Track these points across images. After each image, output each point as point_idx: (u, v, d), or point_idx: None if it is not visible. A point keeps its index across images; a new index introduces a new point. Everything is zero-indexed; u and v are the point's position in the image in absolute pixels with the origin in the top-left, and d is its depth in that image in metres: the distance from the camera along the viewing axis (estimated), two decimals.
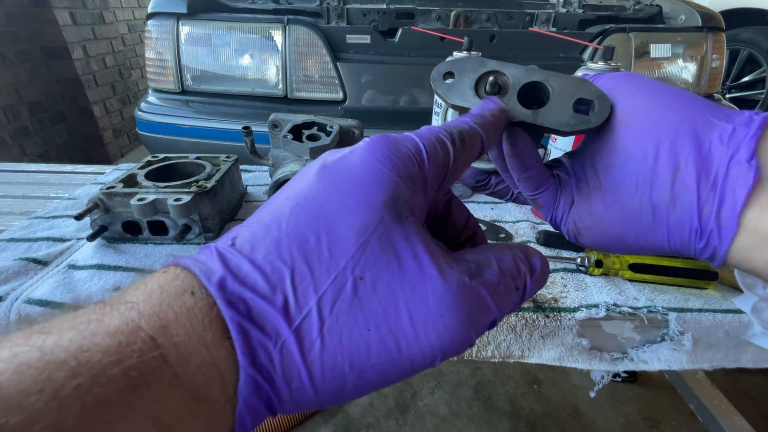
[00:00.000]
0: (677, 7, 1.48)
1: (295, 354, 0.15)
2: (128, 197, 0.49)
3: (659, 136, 0.22)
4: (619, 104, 0.24)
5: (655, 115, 0.22)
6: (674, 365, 0.43)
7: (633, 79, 0.24)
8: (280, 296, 0.15)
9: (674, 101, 0.22)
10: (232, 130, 1.22)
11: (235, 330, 0.14)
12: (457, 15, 1.36)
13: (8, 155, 1.98)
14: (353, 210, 0.16)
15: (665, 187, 0.21)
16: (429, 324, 0.16)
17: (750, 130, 0.19)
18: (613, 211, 0.24)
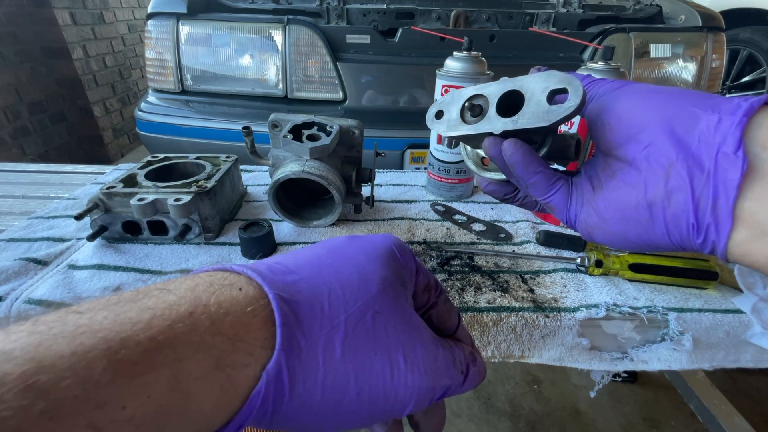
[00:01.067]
0: (677, 7, 1.48)
1: (319, 355, 0.17)
2: (128, 197, 0.49)
3: (647, 135, 0.22)
4: (611, 108, 0.24)
5: (642, 117, 0.22)
6: (674, 365, 0.43)
7: (622, 85, 0.24)
8: (317, 306, 0.18)
9: (660, 100, 0.22)
10: (232, 130, 1.22)
11: (280, 318, 0.17)
12: (457, 15, 1.36)
13: (8, 155, 1.98)
14: (377, 264, 0.21)
15: (658, 185, 0.22)
16: (414, 365, 0.19)
17: (735, 118, 0.19)
18: (613, 210, 0.24)
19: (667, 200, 0.21)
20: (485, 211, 0.64)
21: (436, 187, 0.69)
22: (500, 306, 0.44)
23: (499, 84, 0.27)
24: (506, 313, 0.43)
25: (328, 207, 0.58)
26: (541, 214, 0.62)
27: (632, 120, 0.23)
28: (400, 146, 1.21)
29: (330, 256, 0.21)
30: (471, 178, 0.68)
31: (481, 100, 0.28)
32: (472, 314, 0.43)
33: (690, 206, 0.20)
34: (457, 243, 0.55)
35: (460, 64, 0.59)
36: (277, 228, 0.57)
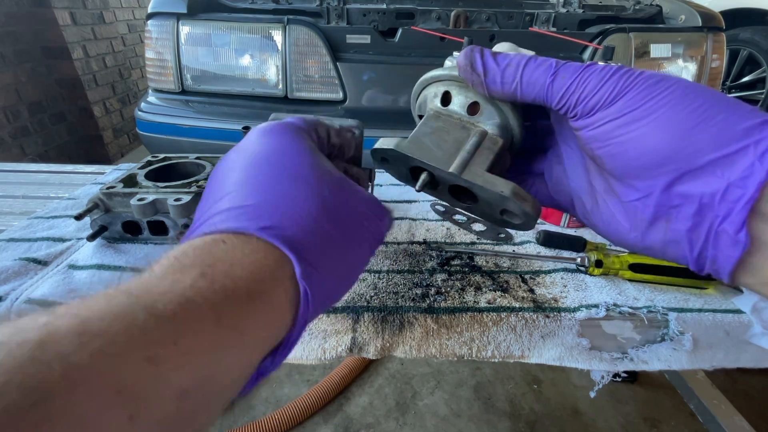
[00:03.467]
0: (677, 7, 1.48)
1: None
2: (128, 197, 0.49)
3: (650, 184, 0.21)
4: (631, 116, 0.21)
5: (662, 144, 0.20)
6: (674, 365, 0.43)
7: (653, 89, 0.21)
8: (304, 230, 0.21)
9: (683, 127, 0.19)
10: (232, 130, 1.22)
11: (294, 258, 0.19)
12: (457, 15, 1.36)
13: (8, 155, 1.98)
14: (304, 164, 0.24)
15: (658, 233, 0.21)
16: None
17: (746, 192, 0.18)
18: (615, 230, 0.24)
19: (664, 248, 0.22)
20: None
21: None
22: (500, 306, 0.44)
23: (448, 173, 0.26)
24: (506, 313, 0.43)
25: None
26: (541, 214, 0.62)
27: (652, 147, 0.20)
28: None
29: (283, 178, 0.22)
30: None
31: (431, 175, 0.27)
32: (472, 314, 0.43)
33: (689, 261, 0.21)
34: (457, 243, 0.55)
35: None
36: None
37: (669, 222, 0.21)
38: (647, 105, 0.20)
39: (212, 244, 0.18)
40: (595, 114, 0.22)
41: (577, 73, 0.22)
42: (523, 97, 0.24)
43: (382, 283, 0.47)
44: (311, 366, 1.25)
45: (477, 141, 0.26)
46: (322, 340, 0.42)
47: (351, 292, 0.45)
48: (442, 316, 0.43)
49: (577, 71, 0.22)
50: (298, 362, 0.43)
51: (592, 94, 0.21)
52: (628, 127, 0.20)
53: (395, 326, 0.43)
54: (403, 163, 0.27)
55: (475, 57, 0.25)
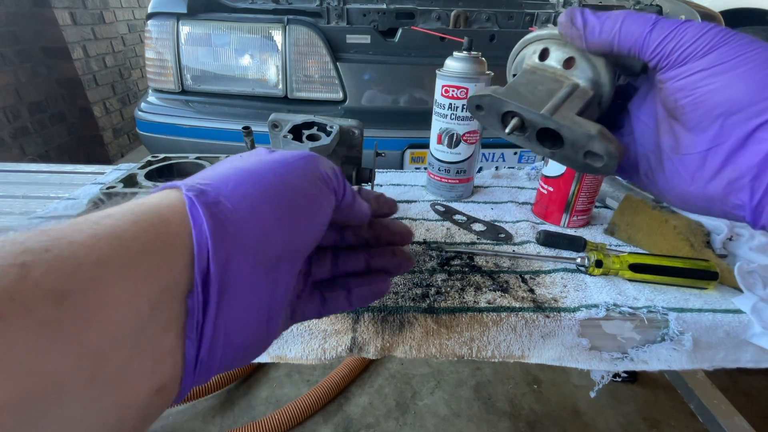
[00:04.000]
0: (677, 7, 1.48)
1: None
2: (128, 197, 0.49)
3: (735, 119, 0.22)
4: (721, 67, 0.22)
5: (743, 95, 0.22)
6: (674, 365, 0.43)
7: (744, 47, 0.22)
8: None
9: (765, 82, 0.21)
10: (232, 130, 1.22)
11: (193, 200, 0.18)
12: (457, 15, 1.36)
13: (8, 155, 1.98)
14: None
15: (721, 181, 0.23)
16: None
17: None
18: (677, 184, 0.26)
19: (725, 196, 0.23)
20: (485, 211, 0.64)
21: (436, 187, 0.69)
22: (500, 306, 0.44)
23: (541, 116, 0.27)
24: (506, 313, 0.43)
25: None
26: (541, 214, 0.62)
27: (724, 101, 0.22)
28: (400, 146, 1.21)
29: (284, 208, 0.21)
30: (471, 178, 0.68)
31: (521, 118, 0.29)
32: (472, 314, 0.43)
33: (747, 208, 0.22)
34: (457, 243, 0.55)
35: (460, 64, 0.59)
36: None
37: (735, 170, 0.22)
38: (736, 60, 0.22)
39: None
40: (686, 64, 0.23)
41: (676, 25, 0.24)
42: (620, 47, 0.25)
43: None
44: (311, 366, 1.25)
45: (569, 91, 0.28)
46: (322, 340, 0.42)
47: None
48: (442, 316, 0.43)
49: (675, 24, 0.24)
50: (298, 362, 0.43)
51: (688, 44, 0.23)
52: (716, 78, 0.22)
53: (395, 326, 0.43)
54: (497, 109, 0.29)
55: (576, 14, 0.27)
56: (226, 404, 1.13)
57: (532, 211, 0.64)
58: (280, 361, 0.43)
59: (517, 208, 0.65)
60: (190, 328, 0.17)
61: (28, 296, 0.12)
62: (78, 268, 0.14)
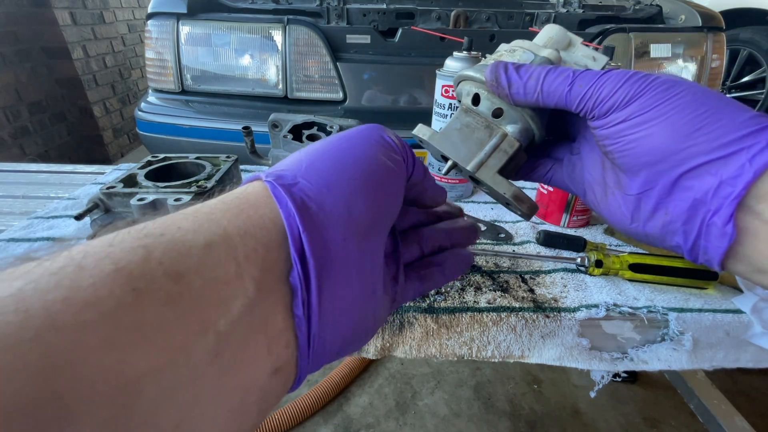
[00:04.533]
0: (677, 7, 1.48)
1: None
2: (128, 197, 0.49)
3: (660, 168, 0.23)
4: (641, 118, 0.23)
5: (665, 144, 0.22)
6: (674, 365, 0.43)
7: (663, 94, 0.22)
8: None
9: (686, 131, 0.21)
10: (232, 130, 1.22)
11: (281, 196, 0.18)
12: (457, 15, 1.36)
13: (8, 155, 1.98)
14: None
15: (657, 223, 0.24)
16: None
17: (734, 189, 0.20)
18: (619, 220, 0.27)
19: (662, 238, 0.24)
20: (485, 211, 0.64)
21: None
22: (500, 306, 0.44)
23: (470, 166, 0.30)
24: (506, 313, 0.43)
25: None
26: (541, 214, 0.62)
27: (648, 151, 0.23)
28: None
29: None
30: None
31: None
32: (472, 314, 0.43)
33: (684, 251, 0.23)
34: None
35: (460, 64, 0.59)
36: None
37: (667, 214, 0.23)
38: (656, 109, 0.22)
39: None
40: (609, 115, 0.24)
41: (594, 79, 0.25)
42: (545, 103, 0.27)
43: None
44: None
45: (496, 143, 0.30)
46: None
47: None
48: (442, 316, 0.43)
49: (594, 77, 0.25)
50: None
51: (607, 98, 0.24)
52: (638, 127, 0.23)
53: (395, 326, 0.43)
54: (435, 150, 0.32)
55: (500, 72, 0.28)
56: None
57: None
58: None
59: None
60: (296, 306, 0.17)
61: (154, 274, 0.13)
62: (189, 251, 0.15)
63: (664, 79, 0.23)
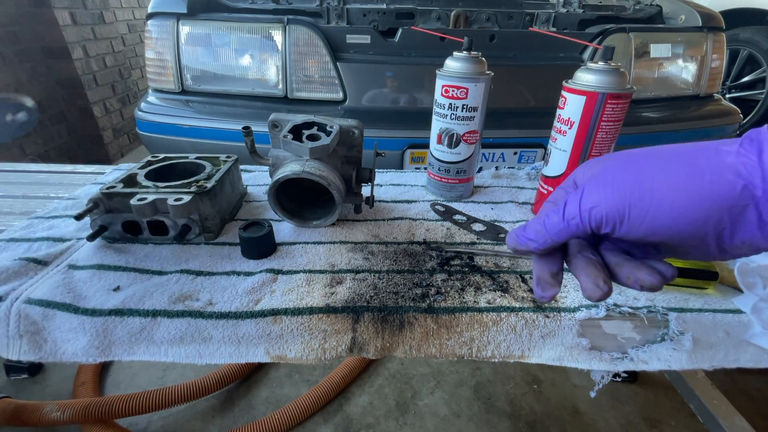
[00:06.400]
0: (677, 7, 1.48)
1: None
2: (128, 197, 0.49)
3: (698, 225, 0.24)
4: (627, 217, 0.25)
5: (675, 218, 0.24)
6: (674, 365, 0.43)
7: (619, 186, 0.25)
8: None
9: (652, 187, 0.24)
10: (232, 130, 1.21)
11: None
12: (457, 15, 1.36)
13: (8, 155, 1.98)
14: None
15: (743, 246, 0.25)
16: None
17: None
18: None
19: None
20: (485, 211, 0.64)
21: (436, 187, 0.69)
22: (500, 306, 0.44)
23: None
24: (506, 313, 0.43)
25: (328, 207, 0.58)
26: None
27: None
28: (400, 146, 1.21)
29: None
30: (471, 178, 0.68)
31: None
32: (472, 314, 0.43)
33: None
34: (457, 243, 0.55)
35: (460, 64, 0.59)
36: (277, 228, 0.57)
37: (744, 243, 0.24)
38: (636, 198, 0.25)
39: None
40: (605, 231, 0.27)
41: (559, 216, 0.28)
42: (566, 238, 0.30)
43: (382, 283, 0.47)
44: (311, 366, 1.25)
45: None
46: (322, 340, 0.42)
47: (351, 292, 0.45)
48: (442, 316, 0.43)
49: (556, 215, 0.28)
50: (298, 362, 0.43)
51: (594, 221, 0.27)
52: (639, 224, 0.25)
53: (395, 326, 0.43)
54: None
55: (514, 245, 0.31)
56: (226, 404, 1.13)
57: (532, 211, 0.64)
58: (280, 361, 0.43)
59: (517, 208, 0.65)
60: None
61: None
62: None
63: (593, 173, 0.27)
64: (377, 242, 0.55)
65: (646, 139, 1.30)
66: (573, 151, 0.54)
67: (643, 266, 0.27)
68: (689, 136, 1.34)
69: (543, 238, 0.29)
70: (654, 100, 1.39)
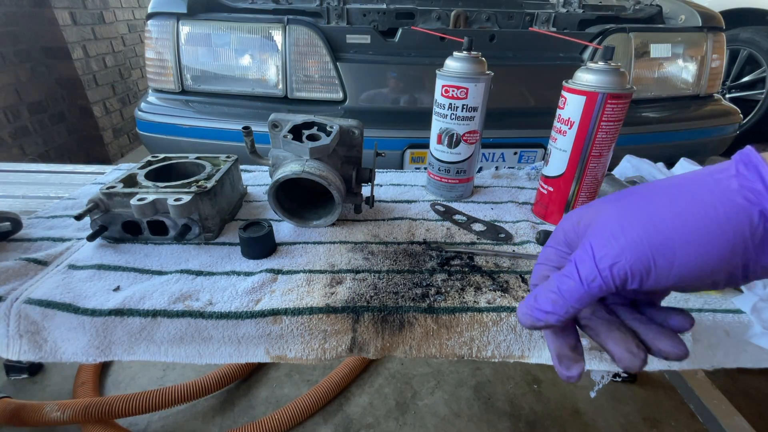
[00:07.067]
0: (677, 7, 1.48)
1: None
2: (128, 197, 0.49)
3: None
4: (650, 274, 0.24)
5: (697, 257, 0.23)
6: (674, 365, 0.43)
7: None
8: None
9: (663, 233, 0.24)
10: (232, 130, 1.21)
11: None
12: (457, 15, 1.36)
13: (8, 155, 1.98)
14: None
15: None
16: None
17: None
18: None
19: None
20: (485, 211, 0.64)
21: (436, 187, 0.69)
22: (500, 306, 0.44)
23: None
24: (506, 313, 0.43)
25: (328, 207, 0.58)
26: (541, 214, 0.62)
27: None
28: (400, 146, 1.21)
29: None
30: (471, 178, 0.68)
31: None
32: (472, 314, 0.43)
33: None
34: (457, 243, 0.55)
35: (460, 64, 0.59)
36: (277, 228, 0.57)
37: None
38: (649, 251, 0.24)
39: None
40: (632, 288, 0.25)
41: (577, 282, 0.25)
42: (588, 303, 0.26)
43: (382, 283, 0.47)
44: (311, 366, 1.25)
45: None
46: (322, 340, 0.42)
47: (351, 292, 0.45)
48: (442, 316, 0.43)
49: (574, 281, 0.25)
50: (298, 362, 0.43)
51: (616, 279, 0.24)
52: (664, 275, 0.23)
53: (395, 326, 0.43)
54: None
55: (531, 322, 0.28)
56: (226, 404, 1.13)
57: (532, 211, 0.64)
58: (280, 361, 0.43)
59: (517, 208, 0.65)
60: None
61: None
62: None
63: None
64: (377, 242, 0.55)
65: (647, 140, 1.30)
66: (573, 151, 0.54)
67: (663, 335, 0.26)
68: (689, 136, 1.34)
69: (563, 309, 0.26)
70: (654, 100, 1.39)
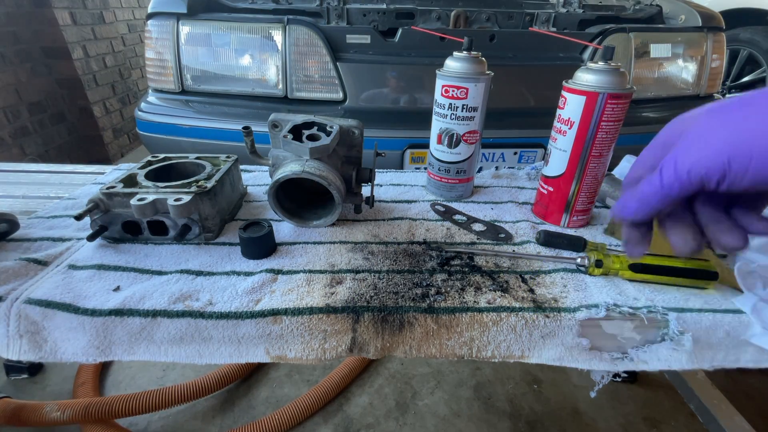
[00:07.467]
0: (677, 7, 1.48)
1: None
2: (128, 197, 0.49)
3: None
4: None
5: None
6: (674, 365, 0.43)
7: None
8: None
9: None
10: (232, 130, 1.21)
11: None
12: (457, 15, 1.36)
13: (8, 155, 1.98)
14: None
15: None
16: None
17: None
18: None
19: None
20: (485, 211, 0.64)
21: (436, 187, 0.69)
22: (500, 306, 0.44)
23: None
24: (506, 313, 0.43)
25: (328, 207, 0.58)
26: (541, 214, 0.62)
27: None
28: (400, 146, 1.21)
29: None
30: (471, 178, 0.68)
31: None
32: (472, 314, 0.43)
33: None
34: (457, 243, 0.55)
35: (460, 64, 0.59)
36: (277, 228, 0.57)
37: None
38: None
39: None
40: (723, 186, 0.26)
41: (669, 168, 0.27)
42: (679, 198, 0.28)
43: (382, 283, 0.47)
44: (311, 366, 1.25)
45: None
46: (322, 340, 0.42)
47: (351, 292, 0.45)
48: (442, 316, 0.43)
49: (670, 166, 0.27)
50: (298, 362, 0.43)
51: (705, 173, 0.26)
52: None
53: (395, 326, 0.43)
54: None
55: (624, 215, 0.31)
56: (226, 404, 1.13)
57: (532, 211, 0.64)
58: (280, 361, 0.43)
59: (517, 208, 0.65)
60: None
61: None
62: None
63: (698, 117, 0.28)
64: (377, 242, 0.55)
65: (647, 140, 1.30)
66: (573, 151, 0.54)
67: (730, 231, 0.28)
68: None
69: (647, 208, 0.29)
70: (654, 100, 1.39)
